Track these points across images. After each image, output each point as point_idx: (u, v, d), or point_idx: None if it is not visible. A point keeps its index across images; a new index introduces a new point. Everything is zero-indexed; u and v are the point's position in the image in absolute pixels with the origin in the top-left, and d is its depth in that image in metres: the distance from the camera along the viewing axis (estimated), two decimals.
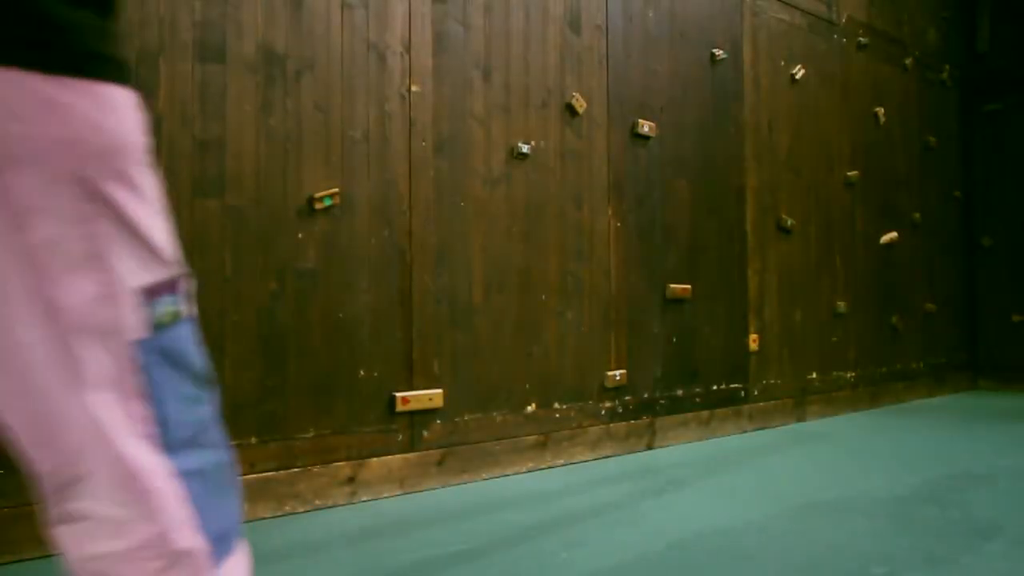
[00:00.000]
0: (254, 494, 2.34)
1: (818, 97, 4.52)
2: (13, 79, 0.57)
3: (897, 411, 4.73)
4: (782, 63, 4.29)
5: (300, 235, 2.47)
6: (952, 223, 5.72)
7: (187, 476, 0.69)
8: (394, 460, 2.64)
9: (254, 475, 2.34)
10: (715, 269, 3.82)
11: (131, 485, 0.66)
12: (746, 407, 3.96)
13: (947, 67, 5.69)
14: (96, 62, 0.61)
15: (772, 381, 4.13)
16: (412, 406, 2.68)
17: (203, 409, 0.73)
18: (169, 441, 0.69)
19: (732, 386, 3.90)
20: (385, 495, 2.61)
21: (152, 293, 0.66)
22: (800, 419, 4.27)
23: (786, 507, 2.47)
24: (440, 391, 2.75)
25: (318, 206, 2.49)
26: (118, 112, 0.63)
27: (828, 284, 4.53)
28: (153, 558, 0.66)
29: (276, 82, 2.44)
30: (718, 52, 3.88)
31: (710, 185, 3.80)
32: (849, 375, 4.66)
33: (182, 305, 0.70)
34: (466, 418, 2.84)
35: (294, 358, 2.45)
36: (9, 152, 0.57)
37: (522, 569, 1.91)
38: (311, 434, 2.47)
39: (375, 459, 2.60)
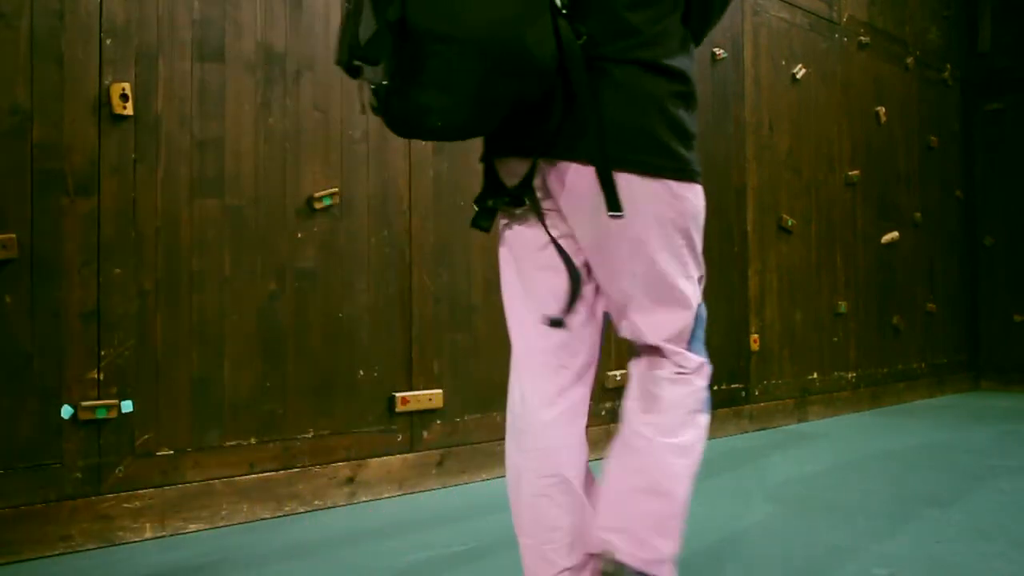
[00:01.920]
0: (253, 494, 2.33)
1: (819, 96, 4.51)
2: (670, 184, 1.21)
3: (898, 412, 4.73)
4: (783, 62, 4.28)
5: (299, 235, 2.46)
6: (953, 223, 5.71)
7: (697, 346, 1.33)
8: (394, 461, 2.64)
9: (253, 475, 2.33)
10: (715, 269, 3.81)
11: (691, 357, 1.29)
12: (747, 408, 3.95)
13: (948, 66, 5.69)
14: (698, 176, 1.26)
15: (773, 382, 4.12)
16: (412, 406, 2.67)
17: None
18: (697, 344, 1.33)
19: (733, 386, 3.89)
20: (385, 496, 2.61)
21: (700, 281, 1.31)
22: (801, 419, 4.26)
23: (787, 508, 2.46)
24: (440, 391, 2.75)
25: (317, 206, 2.49)
26: (701, 199, 1.27)
27: (829, 284, 4.53)
28: (692, 392, 1.29)
29: (275, 81, 2.43)
30: (719, 51, 3.87)
31: (710, 185, 3.78)
32: (850, 375, 4.65)
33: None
34: (466, 419, 2.84)
35: (293, 358, 2.44)
36: (663, 219, 1.21)
37: (522, 571, 1.90)
38: (310, 434, 2.46)
39: (375, 460, 2.59)
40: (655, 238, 1.23)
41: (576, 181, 1.21)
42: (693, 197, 1.25)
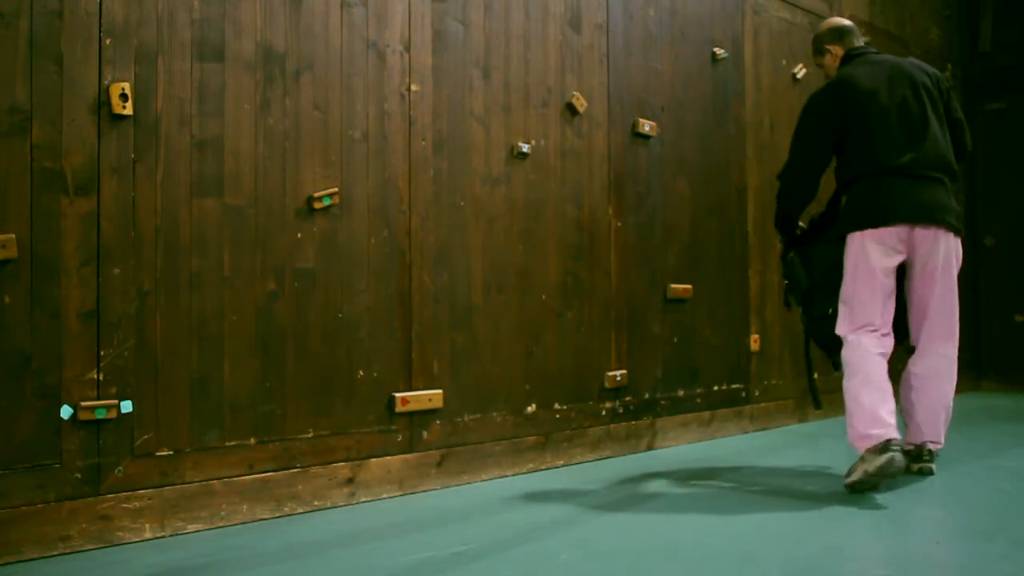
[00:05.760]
0: (253, 495, 2.33)
1: None
2: (953, 238, 2.79)
3: (899, 412, 4.70)
4: (783, 62, 4.27)
5: (299, 235, 2.46)
6: None
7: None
8: (393, 461, 2.64)
9: (253, 476, 2.33)
10: (716, 269, 3.80)
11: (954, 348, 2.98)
12: (747, 408, 3.95)
13: (949, 66, 5.68)
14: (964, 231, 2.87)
15: (773, 382, 4.12)
16: (411, 407, 2.67)
17: None
18: None
19: (733, 387, 3.88)
20: (384, 496, 2.60)
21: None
22: (802, 420, 4.25)
23: (787, 508, 2.46)
24: (440, 392, 2.74)
25: (317, 206, 2.49)
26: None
27: None
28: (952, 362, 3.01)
29: (275, 81, 2.43)
30: (719, 51, 3.87)
31: (711, 185, 3.79)
32: None
33: None
34: (466, 419, 2.84)
35: (293, 358, 2.44)
36: (950, 258, 2.80)
37: (522, 570, 1.90)
38: (310, 435, 2.46)
39: (374, 460, 2.59)
40: None
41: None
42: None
